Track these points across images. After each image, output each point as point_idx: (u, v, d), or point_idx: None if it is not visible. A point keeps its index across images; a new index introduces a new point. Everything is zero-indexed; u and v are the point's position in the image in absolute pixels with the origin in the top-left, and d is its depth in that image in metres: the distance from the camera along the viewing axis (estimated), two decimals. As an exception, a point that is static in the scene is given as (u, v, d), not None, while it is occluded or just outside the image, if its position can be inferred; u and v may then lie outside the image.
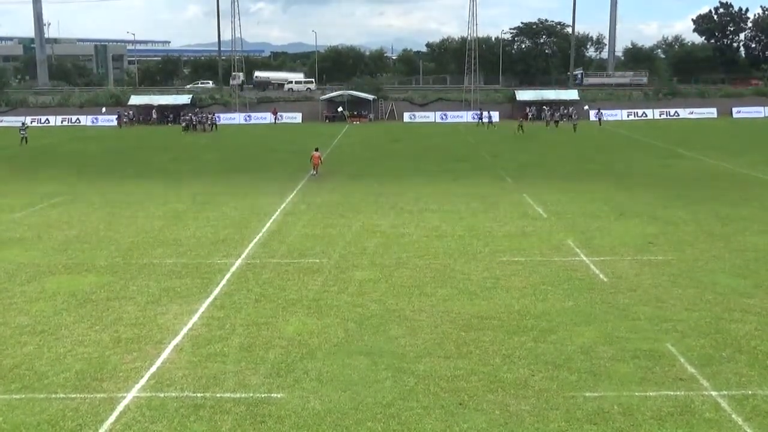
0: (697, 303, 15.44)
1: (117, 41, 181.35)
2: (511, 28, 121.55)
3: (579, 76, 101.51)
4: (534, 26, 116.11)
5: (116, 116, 70.12)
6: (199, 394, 11.37)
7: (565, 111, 69.36)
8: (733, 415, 10.55)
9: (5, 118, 73.22)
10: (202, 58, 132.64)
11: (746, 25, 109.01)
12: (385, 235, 22.13)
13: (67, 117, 73.00)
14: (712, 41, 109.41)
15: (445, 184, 31.79)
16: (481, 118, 66.62)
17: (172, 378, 11.97)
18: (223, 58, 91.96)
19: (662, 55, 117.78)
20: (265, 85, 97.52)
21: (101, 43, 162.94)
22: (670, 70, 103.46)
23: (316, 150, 35.78)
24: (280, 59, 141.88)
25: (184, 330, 14.15)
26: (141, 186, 32.44)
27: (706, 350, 12.90)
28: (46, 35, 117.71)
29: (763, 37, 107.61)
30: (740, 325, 14.13)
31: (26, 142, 52.16)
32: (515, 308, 15.24)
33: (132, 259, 19.62)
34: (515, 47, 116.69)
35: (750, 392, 11.26)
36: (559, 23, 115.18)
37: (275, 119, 71.79)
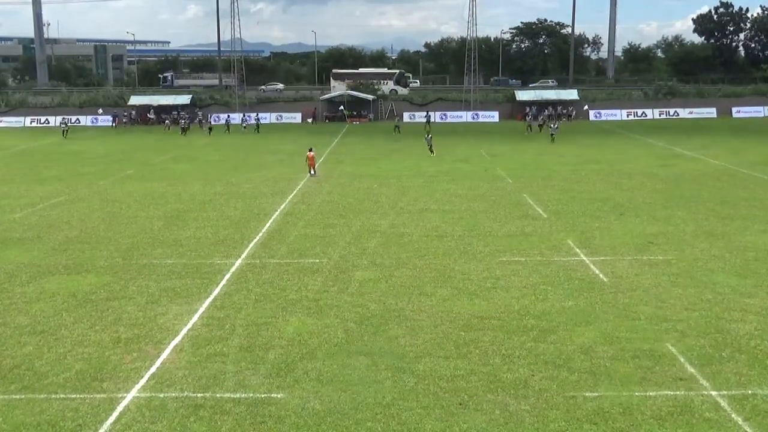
0: (697, 303, 15.46)
1: (117, 41, 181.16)
2: (510, 28, 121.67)
3: (169, 78, 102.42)
4: (533, 26, 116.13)
5: (112, 116, 70.32)
6: (199, 394, 11.37)
7: (552, 112, 68.98)
8: (733, 415, 10.56)
9: (5, 119, 73.18)
10: (199, 57, 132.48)
11: (746, 25, 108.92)
12: (385, 235, 22.13)
13: (66, 117, 72.94)
14: (712, 41, 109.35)
15: (445, 184, 31.79)
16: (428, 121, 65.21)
17: (172, 378, 11.97)
18: (223, 58, 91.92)
19: (662, 55, 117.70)
20: None
21: (101, 44, 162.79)
22: (670, 69, 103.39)
23: (311, 150, 35.79)
24: (279, 59, 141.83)
25: (184, 330, 14.16)
26: (141, 186, 32.45)
27: (706, 350, 12.91)
28: (45, 35, 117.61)
29: (762, 37, 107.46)
30: (740, 325, 14.15)
31: (66, 135, 59.52)
32: (515, 308, 15.25)
33: (132, 259, 19.62)
34: (514, 47, 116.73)
35: (750, 392, 11.27)
36: (558, 23, 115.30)
37: (314, 120, 71.64)
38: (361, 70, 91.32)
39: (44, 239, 22.06)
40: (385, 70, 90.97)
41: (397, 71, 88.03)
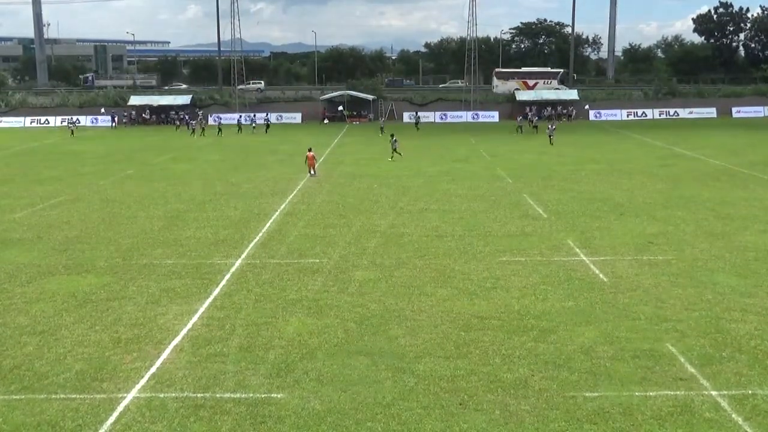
0: (697, 303, 15.45)
1: (117, 41, 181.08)
2: (510, 28, 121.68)
3: (90, 78, 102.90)
4: (533, 26, 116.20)
5: (110, 116, 70.61)
6: (199, 395, 11.37)
7: (553, 112, 68.72)
8: (733, 415, 10.55)
9: (5, 119, 73.22)
10: (199, 57, 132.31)
11: (746, 25, 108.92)
12: (385, 235, 22.13)
13: (66, 117, 73.03)
14: (712, 41, 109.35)
15: (445, 184, 31.79)
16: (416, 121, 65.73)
17: (172, 378, 11.97)
18: (223, 58, 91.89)
19: (662, 55, 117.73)
20: None
21: (101, 44, 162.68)
22: (670, 69, 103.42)
23: (310, 150, 35.81)
24: (279, 59, 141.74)
25: (184, 330, 14.16)
26: (141, 186, 32.45)
27: (706, 350, 12.91)
28: (45, 36, 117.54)
29: (762, 37, 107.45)
30: (740, 325, 14.15)
31: (73, 133, 61.15)
32: (515, 308, 15.25)
33: (132, 259, 19.62)
34: (514, 47, 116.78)
35: (750, 392, 11.27)
36: (558, 23, 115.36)
37: (324, 120, 71.67)
38: (524, 69, 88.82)
39: (44, 239, 22.05)
40: (549, 69, 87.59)
41: (561, 71, 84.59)
